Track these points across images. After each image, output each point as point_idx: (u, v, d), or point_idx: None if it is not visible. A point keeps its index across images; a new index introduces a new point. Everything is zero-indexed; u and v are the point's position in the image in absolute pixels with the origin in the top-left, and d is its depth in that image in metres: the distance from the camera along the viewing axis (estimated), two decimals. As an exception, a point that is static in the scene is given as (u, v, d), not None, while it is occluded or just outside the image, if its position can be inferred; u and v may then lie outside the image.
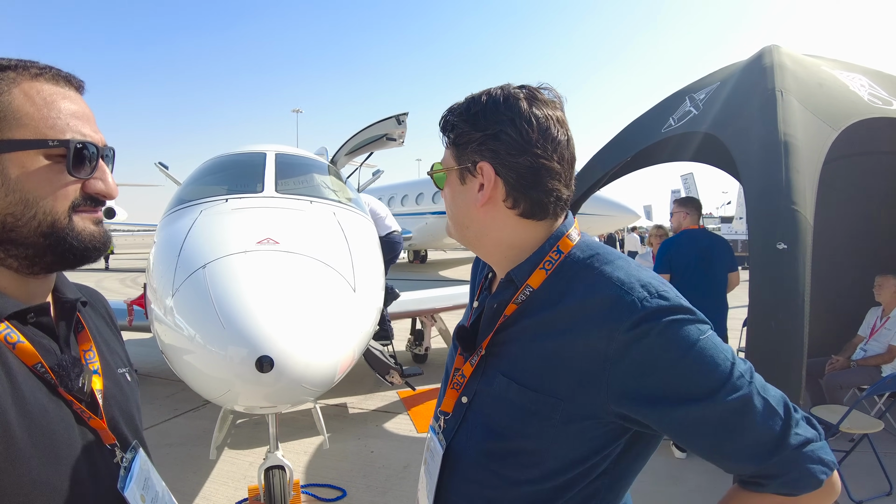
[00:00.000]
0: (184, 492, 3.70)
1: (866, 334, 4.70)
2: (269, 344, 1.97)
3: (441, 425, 1.05)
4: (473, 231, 1.02)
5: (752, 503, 0.90)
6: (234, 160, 4.40)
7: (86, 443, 0.82)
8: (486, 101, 0.96)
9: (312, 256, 2.58)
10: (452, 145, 1.01)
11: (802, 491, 0.85)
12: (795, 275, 2.64)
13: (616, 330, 0.85)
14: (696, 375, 0.84)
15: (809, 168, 2.98)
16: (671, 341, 0.84)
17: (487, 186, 0.96)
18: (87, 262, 0.87)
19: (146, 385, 6.17)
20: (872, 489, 3.62)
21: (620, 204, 15.46)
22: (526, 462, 0.93)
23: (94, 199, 0.86)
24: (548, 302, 0.95)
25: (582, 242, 1.00)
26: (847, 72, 3.94)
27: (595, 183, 5.16)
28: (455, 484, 1.00)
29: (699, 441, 0.88)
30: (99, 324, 1.02)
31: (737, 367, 0.86)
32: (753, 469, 0.87)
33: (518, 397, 0.92)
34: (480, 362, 1.00)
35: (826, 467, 0.86)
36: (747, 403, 0.84)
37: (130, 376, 1.01)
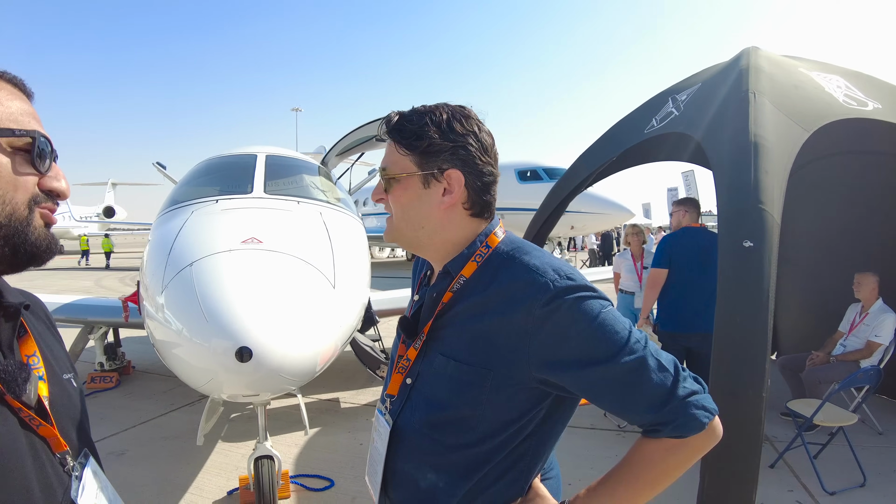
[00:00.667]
0: (177, 482, 3.82)
1: (846, 330, 4.79)
2: (248, 335, 2.09)
3: (387, 406, 1.18)
4: (427, 231, 1.13)
5: (651, 447, 1.05)
6: (225, 162, 4.52)
7: (34, 452, 0.79)
8: (450, 115, 1.10)
9: (293, 254, 2.70)
10: (417, 152, 1.09)
11: (690, 433, 1.01)
12: (761, 272, 2.73)
13: (533, 307, 1.00)
14: (600, 342, 0.99)
15: (779, 168, 3.07)
16: (578, 314, 1.00)
17: (457, 191, 1.10)
18: (34, 264, 0.85)
19: (145, 381, 6.31)
20: (847, 481, 3.70)
21: (614, 202, 15.29)
22: (463, 427, 1.07)
23: (51, 196, 0.85)
24: (477, 289, 1.10)
25: (507, 239, 1.17)
26: (825, 73, 4.02)
27: (581, 182, 5.24)
28: (401, 455, 1.13)
29: (606, 397, 1.04)
30: (40, 328, 0.98)
31: (633, 335, 1.02)
32: (651, 418, 1.02)
33: (455, 372, 1.07)
34: (423, 346, 1.14)
35: (708, 413, 1.02)
36: (643, 363, 1.00)
37: (75, 381, 0.98)
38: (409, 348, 1.16)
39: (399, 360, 1.18)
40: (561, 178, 5.63)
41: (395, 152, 1.12)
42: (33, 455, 0.78)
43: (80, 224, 32.82)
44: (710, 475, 2.63)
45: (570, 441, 4.39)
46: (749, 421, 2.59)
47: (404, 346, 1.19)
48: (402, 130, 1.10)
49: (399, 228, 1.15)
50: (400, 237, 1.16)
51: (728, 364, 2.70)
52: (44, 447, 0.81)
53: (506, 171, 16.90)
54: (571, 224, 15.33)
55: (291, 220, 3.40)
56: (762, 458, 3.99)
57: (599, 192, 14.47)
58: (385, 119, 1.14)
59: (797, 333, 6.09)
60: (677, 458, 1.03)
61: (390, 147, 1.14)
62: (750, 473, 2.57)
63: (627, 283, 5.78)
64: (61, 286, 16.51)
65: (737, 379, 2.66)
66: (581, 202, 12.99)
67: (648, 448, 1.05)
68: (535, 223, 5.61)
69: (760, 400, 2.59)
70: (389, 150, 1.14)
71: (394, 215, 1.15)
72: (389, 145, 1.14)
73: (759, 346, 2.65)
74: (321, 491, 3.72)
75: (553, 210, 5.47)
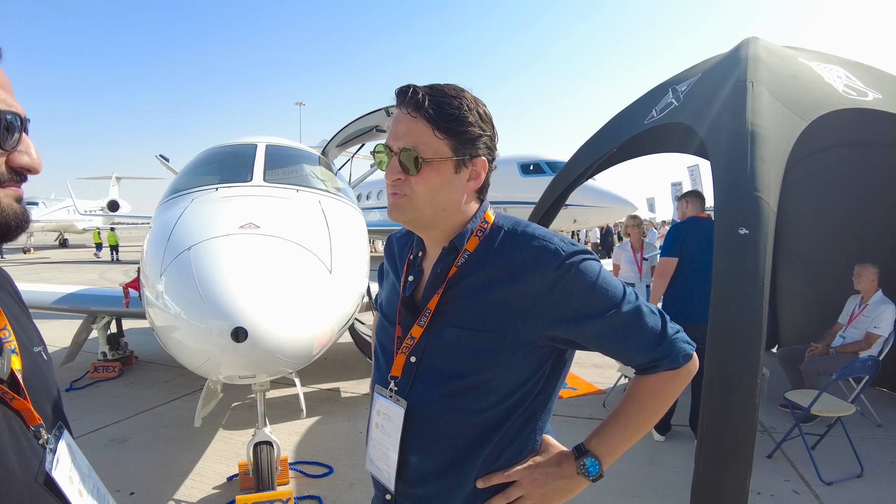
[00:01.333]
0: (179, 468, 3.87)
1: (846, 322, 4.78)
2: (243, 316, 2.12)
3: (393, 388, 1.19)
4: (447, 212, 1.16)
5: (651, 381, 1.20)
6: (226, 151, 4.55)
7: (9, 426, 0.78)
8: (482, 108, 1.15)
9: (290, 239, 2.72)
10: (455, 138, 1.10)
11: (682, 364, 1.18)
12: (756, 259, 2.73)
13: (547, 270, 1.09)
14: (604, 295, 1.12)
15: (776, 157, 3.06)
16: (584, 273, 1.11)
17: (481, 177, 1.17)
18: (5, 241, 0.84)
19: (147, 371, 6.36)
20: (843, 471, 3.72)
21: (617, 195, 15.12)
22: (483, 391, 1.13)
23: (17, 173, 0.81)
24: (485, 261, 1.16)
25: (500, 215, 1.24)
26: (825, 63, 4.00)
27: (581, 174, 5.25)
28: (419, 431, 1.16)
29: (611, 343, 1.16)
30: (8, 302, 0.95)
31: (627, 288, 1.17)
32: (651, 355, 1.16)
33: (472, 340, 1.13)
34: (430, 322, 1.16)
35: (691, 345, 1.20)
36: (639, 310, 1.14)
37: (45, 354, 0.96)
38: (414, 326, 1.18)
39: (403, 340, 1.19)
40: (561, 169, 5.63)
41: (429, 132, 1.09)
42: (8, 429, 0.77)
43: (85, 218, 32.95)
44: (704, 462, 2.64)
45: (569, 430, 4.41)
46: (743, 408, 2.60)
47: (402, 327, 1.21)
48: (441, 113, 1.08)
49: (419, 208, 1.13)
50: (417, 217, 1.15)
51: (723, 351, 2.70)
52: (18, 420, 0.80)
53: (508, 164, 16.84)
54: (574, 218, 15.30)
55: (290, 207, 3.43)
56: (760, 449, 4.03)
57: (602, 185, 14.40)
58: (405, 93, 1.11)
59: (797, 325, 6.09)
60: (673, 386, 1.19)
61: (419, 125, 1.09)
62: (744, 460, 2.58)
63: (627, 274, 5.78)
64: (66, 278, 16.61)
65: (731, 366, 2.66)
66: (583, 196, 12.94)
67: (649, 382, 1.20)
68: (535, 216, 5.61)
69: (755, 387, 2.60)
70: (416, 128, 1.10)
71: (415, 195, 1.12)
72: (413, 121, 1.10)
73: (754, 333, 2.65)
74: (320, 477, 3.75)
75: (552, 202, 5.47)
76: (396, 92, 1.13)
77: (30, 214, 0.85)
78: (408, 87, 1.11)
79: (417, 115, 1.09)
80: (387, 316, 1.30)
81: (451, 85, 1.13)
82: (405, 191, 1.12)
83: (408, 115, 1.10)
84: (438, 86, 1.12)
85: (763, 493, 3.46)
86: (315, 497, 3.46)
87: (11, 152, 0.79)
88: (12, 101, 0.79)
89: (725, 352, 2.70)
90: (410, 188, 1.11)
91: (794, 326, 6.15)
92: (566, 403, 5.12)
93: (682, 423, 4.39)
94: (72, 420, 3.63)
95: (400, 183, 1.12)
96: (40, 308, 5.91)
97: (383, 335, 1.30)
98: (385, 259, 1.44)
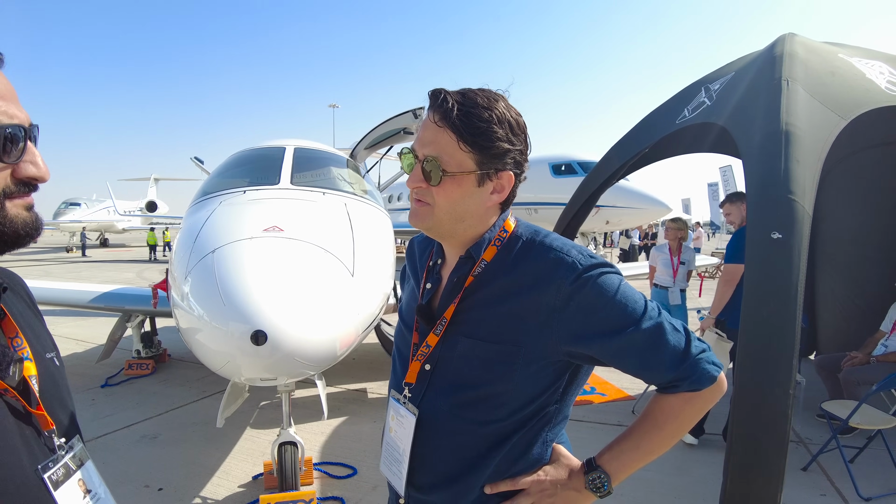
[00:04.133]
0: (207, 466, 3.95)
1: (888, 330, 4.57)
2: (263, 319, 2.15)
3: (407, 395, 1.19)
4: (467, 223, 1.14)
5: (671, 402, 1.14)
6: (255, 154, 4.63)
7: (23, 431, 0.80)
8: (511, 115, 1.09)
9: (312, 242, 2.75)
10: (481, 153, 1.07)
11: (705, 386, 1.11)
12: (789, 264, 2.63)
13: (563, 284, 1.06)
14: (623, 311, 1.07)
15: (812, 158, 2.95)
16: (602, 288, 1.07)
17: (506, 191, 1.13)
18: (17, 248, 0.83)
19: (179, 369, 6.52)
20: (884, 486, 3.55)
21: (651, 196, 14.64)
22: (495, 404, 1.12)
23: (26, 183, 0.81)
24: (501, 271, 1.13)
25: (520, 223, 1.20)
26: (866, 59, 3.83)
27: (613, 174, 5.15)
28: (429, 440, 1.16)
29: (631, 360, 1.11)
30: (22, 308, 0.95)
31: (649, 303, 1.11)
32: (672, 375, 1.10)
33: (485, 352, 1.11)
34: (445, 331, 1.15)
35: (717, 367, 1.13)
36: (661, 327, 1.09)
37: (58, 360, 0.96)
38: (430, 334, 1.17)
39: (419, 347, 1.19)
40: (592, 170, 5.54)
41: (453, 144, 1.06)
42: (21, 434, 0.78)
43: (124, 218, 34.01)
44: (733, 474, 2.55)
45: (597, 436, 4.34)
46: (775, 419, 2.51)
47: (419, 334, 1.21)
48: (468, 125, 1.05)
49: (439, 218, 1.12)
50: (436, 227, 1.14)
51: (754, 359, 2.61)
52: (30, 428, 0.81)
53: (539, 164, 16.64)
54: (606, 219, 15.01)
55: (315, 210, 3.46)
56: (795, 460, 3.88)
57: (635, 185, 14.06)
58: (436, 97, 1.08)
59: (837, 332, 5.85)
60: (694, 408, 1.14)
61: (444, 135, 1.06)
62: (775, 474, 2.48)
63: (662, 277, 5.63)
64: (105, 277, 17.18)
65: (763, 375, 2.57)
66: (616, 196, 12.67)
67: (668, 402, 1.14)
68: (565, 216, 5.54)
69: (787, 397, 2.50)
70: (441, 139, 1.07)
71: (436, 205, 1.10)
72: (440, 131, 1.07)
73: (787, 341, 2.56)
74: (344, 479, 3.78)
75: (583, 203, 5.39)
76: (429, 94, 1.10)
77: (41, 221, 0.85)
78: (439, 91, 1.08)
79: (444, 125, 1.06)
80: (405, 321, 1.30)
81: (484, 91, 1.09)
82: (427, 199, 1.11)
83: (434, 123, 1.07)
84: (471, 93, 1.07)
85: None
86: (338, 498, 3.48)
87: (17, 164, 0.78)
88: (15, 111, 0.78)
89: (757, 360, 2.61)
90: (432, 197, 1.10)
91: (833, 333, 5.92)
92: (595, 409, 5.03)
93: (714, 432, 4.26)
94: (106, 416, 3.76)
95: (421, 191, 1.11)
96: (77, 306, 6.12)
97: (401, 340, 1.29)
98: (406, 262, 1.43)
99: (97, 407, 5.13)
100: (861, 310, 5.44)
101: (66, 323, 9.09)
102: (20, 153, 0.78)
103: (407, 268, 1.42)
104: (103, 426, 4.63)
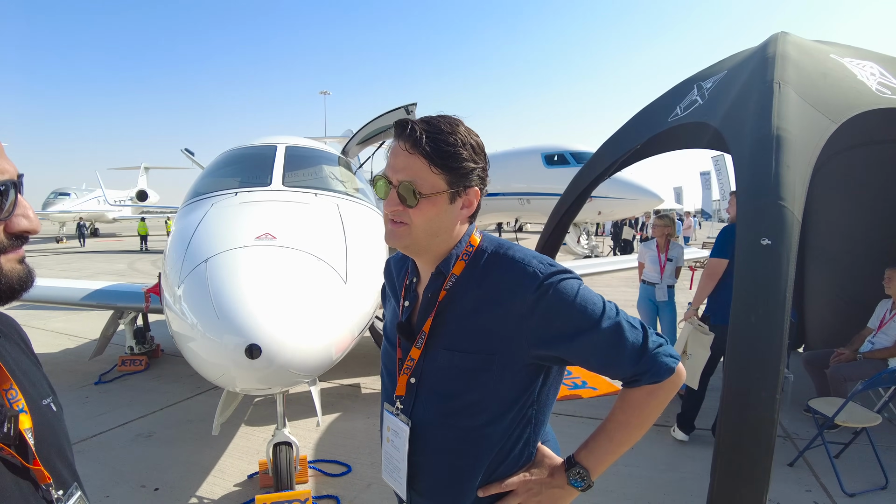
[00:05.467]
0: (202, 464, 3.97)
1: (875, 327, 4.64)
2: (257, 333, 2.16)
3: (398, 406, 1.28)
4: (440, 238, 1.22)
5: (635, 395, 1.23)
6: (246, 153, 4.60)
7: (21, 487, 0.78)
8: (475, 140, 1.20)
9: (305, 251, 2.75)
10: (450, 173, 1.16)
11: (664, 377, 1.20)
12: (778, 271, 2.65)
13: (526, 294, 1.15)
14: (584, 313, 1.16)
15: (802, 162, 2.96)
16: (563, 294, 1.15)
17: (474, 205, 1.24)
18: (10, 302, 0.83)
19: (173, 364, 6.52)
20: (867, 482, 3.62)
21: (642, 186, 14.84)
22: (476, 410, 1.20)
23: (17, 236, 0.80)
24: (470, 285, 1.22)
25: (485, 237, 1.29)
26: (858, 59, 3.84)
27: (605, 170, 5.16)
28: (422, 448, 1.25)
29: (594, 359, 1.20)
30: (16, 355, 0.93)
31: (607, 304, 1.20)
32: (632, 370, 1.19)
33: (462, 362, 1.19)
34: (426, 344, 1.24)
35: (674, 359, 1.22)
36: (619, 325, 1.18)
37: (55, 405, 0.94)
38: (412, 348, 1.25)
39: (405, 362, 1.27)
40: (584, 165, 5.55)
41: (425, 168, 1.15)
42: (19, 490, 0.78)
43: (114, 208, 33.70)
44: (720, 475, 2.60)
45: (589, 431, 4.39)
46: (761, 423, 2.55)
47: (402, 350, 1.29)
48: (437, 150, 1.14)
49: (416, 236, 1.20)
50: (413, 244, 1.22)
51: (742, 364, 2.65)
52: (28, 482, 0.80)
53: (532, 155, 16.67)
54: (599, 210, 15.10)
55: (307, 214, 3.45)
56: (782, 456, 3.95)
57: (627, 176, 14.13)
58: (403, 127, 1.16)
59: (825, 328, 5.93)
60: (657, 399, 1.22)
61: (416, 161, 1.15)
62: (761, 475, 2.53)
63: (650, 273, 5.68)
64: (96, 269, 17.10)
65: (750, 379, 2.61)
66: (608, 187, 12.74)
67: (633, 395, 1.23)
68: (559, 209, 5.56)
69: (773, 401, 2.54)
70: (414, 164, 1.15)
71: (414, 224, 1.18)
72: (411, 157, 1.15)
73: (775, 347, 2.59)
74: (338, 476, 3.81)
75: (577, 197, 5.40)
76: (395, 125, 1.19)
77: (34, 274, 0.85)
78: (406, 122, 1.17)
79: (415, 152, 1.15)
80: (389, 339, 1.37)
81: (446, 119, 1.19)
82: (404, 219, 1.18)
83: (405, 150, 1.16)
84: (435, 121, 1.17)
85: (783, 502, 3.41)
86: (333, 497, 3.52)
87: (8, 220, 0.78)
88: (6, 165, 0.78)
89: (745, 365, 2.64)
90: (409, 217, 1.18)
91: (821, 328, 5.99)
92: (587, 404, 5.08)
93: (704, 427, 4.33)
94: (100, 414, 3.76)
95: (398, 213, 1.18)
96: (69, 304, 6.10)
97: (387, 357, 1.37)
98: (385, 282, 1.52)
99: (91, 405, 5.13)
100: (849, 306, 5.51)
101: (57, 318, 9.07)
102: (12, 208, 0.78)
103: (386, 287, 1.51)
104: (98, 425, 4.64)
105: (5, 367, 0.85)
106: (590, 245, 17.15)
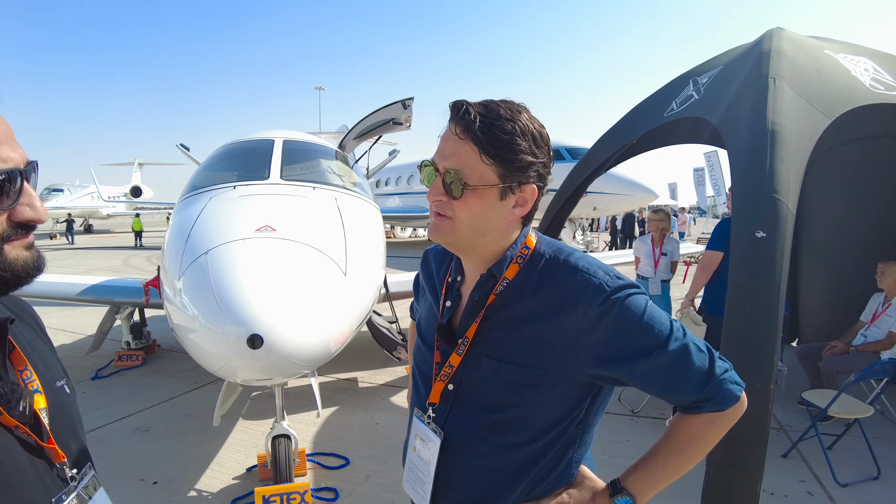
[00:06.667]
0: (201, 458, 3.98)
1: (868, 320, 4.69)
2: (259, 323, 2.18)
3: (430, 415, 1.18)
4: (488, 238, 1.11)
5: (695, 422, 1.13)
6: (244, 147, 4.60)
7: (35, 465, 0.80)
8: (534, 127, 1.07)
9: (305, 243, 2.76)
10: (504, 165, 1.04)
11: (728, 406, 1.11)
12: (773, 263, 2.69)
13: (590, 307, 1.04)
14: (650, 334, 1.05)
15: (796, 157, 3.00)
16: (629, 311, 1.05)
17: (529, 205, 1.11)
18: (19, 288, 0.83)
19: (169, 359, 6.52)
20: (860, 473, 3.67)
21: (637, 182, 14.96)
22: (521, 427, 1.11)
23: (23, 225, 0.80)
24: (525, 292, 1.11)
25: (542, 239, 1.18)
26: (852, 55, 3.88)
27: (601, 165, 5.20)
28: (454, 461, 1.15)
29: (656, 383, 1.09)
30: (31, 338, 0.95)
31: (675, 324, 1.09)
32: (696, 396, 1.09)
33: (509, 374, 1.09)
34: (468, 351, 1.14)
35: (740, 386, 1.13)
36: (686, 348, 1.07)
37: (69, 387, 0.97)
38: (452, 354, 1.15)
39: (442, 367, 1.17)
40: (580, 160, 5.58)
41: (475, 156, 1.04)
42: (34, 468, 0.80)
43: (109, 204, 33.56)
44: (714, 466, 2.64)
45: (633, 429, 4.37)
46: (755, 413, 2.58)
47: (441, 353, 1.19)
48: (491, 137, 1.02)
49: (460, 233, 1.09)
50: (457, 241, 1.11)
51: (736, 355, 2.68)
52: (42, 461, 0.82)
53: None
54: (594, 205, 15.17)
55: (306, 207, 3.47)
56: (775, 447, 3.99)
57: (622, 172, 14.23)
58: (458, 109, 1.05)
59: (819, 321, 5.99)
60: (718, 428, 1.12)
61: (466, 148, 1.04)
62: (755, 465, 2.58)
63: (644, 268, 5.73)
64: (91, 265, 17.02)
65: (745, 370, 2.63)
66: (603, 183, 12.82)
67: (692, 423, 1.13)
68: (555, 205, 5.58)
69: (768, 392, 2.58)
70: (463, 151, 1.04)
71: (457, 219, 1.08)
72: (461, 143, 1.04)
73: (769, 338, 2.63)
74: (337, 469, 3.84)
75: (572, 192, 5.43)
76: (450, 106, 1.07)
77: (43, 259, 0.85)
78: (461, 103, 1.05)
79: (466, 137, 1.03)
80: (425, 340, 1.27)
81: (507, 104, 1.06)
82: (447, 212, 1.08)
83: (456, 135, 1.05)
84: (493, 105, 1.05)
85: (777, 493, 3.45)
86: (331, 489, 3.54)
87: (13, 208, 0.77)
88: (9, 153, 0.77)
89: (739, 356, 2.67)
90: (452, 211, 1.07)
91: (815, 322, 6.06)
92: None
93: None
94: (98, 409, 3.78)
95: (442, 204, 1.08)
96: (66, 299, 6.09)
97: (421, 358, 1.27)
98: (421, 273, 1.40)
99: (88, 400, 5.13)
100: (842, 300, 5.56)
101: (53, 313, 9.04)
102: (16, 197, 0.77)
103: (422, 279, 1.39)
104: (96, 419, 4.63)
105: (21, 349, 0.87)
106: (585, 241, 17.25)
